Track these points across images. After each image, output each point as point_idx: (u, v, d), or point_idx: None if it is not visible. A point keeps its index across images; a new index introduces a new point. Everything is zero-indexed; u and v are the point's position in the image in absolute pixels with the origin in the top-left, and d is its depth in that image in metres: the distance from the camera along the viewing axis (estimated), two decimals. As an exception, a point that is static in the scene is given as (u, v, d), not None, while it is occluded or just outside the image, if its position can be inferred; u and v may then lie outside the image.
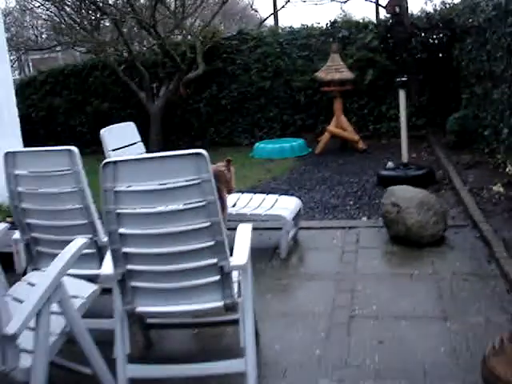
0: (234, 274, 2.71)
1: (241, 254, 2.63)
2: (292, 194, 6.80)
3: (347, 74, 9.04)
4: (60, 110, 12.17)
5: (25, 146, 5.19)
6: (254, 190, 7.21)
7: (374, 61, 10.01)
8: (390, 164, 6.87)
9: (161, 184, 2.42)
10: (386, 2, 8.47)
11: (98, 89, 11.85)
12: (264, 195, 5.14)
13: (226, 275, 2.55)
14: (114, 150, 4.91)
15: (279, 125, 10.99)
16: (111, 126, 5.08)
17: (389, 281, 3.94)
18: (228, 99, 11.15)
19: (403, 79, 6.54)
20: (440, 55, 9.73)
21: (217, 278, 2.56)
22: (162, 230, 2.48)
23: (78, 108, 12.00)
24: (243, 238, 2.82)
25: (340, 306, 3.58)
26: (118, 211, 2.47)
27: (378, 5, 15.57)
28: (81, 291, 2.71)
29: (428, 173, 6.57)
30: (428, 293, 3.69)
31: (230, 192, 4.23)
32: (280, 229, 4.53)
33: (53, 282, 2.33)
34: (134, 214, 2.48)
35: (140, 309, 2.63)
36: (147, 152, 10.28)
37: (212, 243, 2.49)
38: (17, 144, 5.84)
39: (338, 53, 9.18)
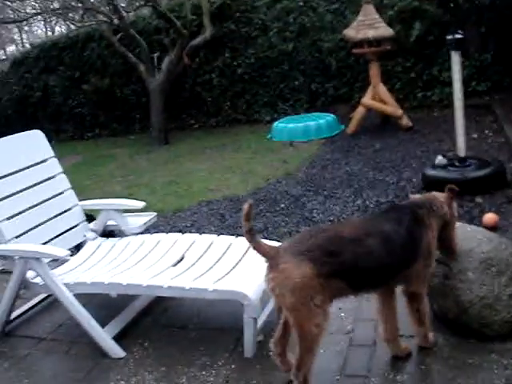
0: None
1: None
2: (303, 203, 5.01)
3: (384, 31, 6.95)
4: (57, 90, 10.61)
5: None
6: (254, 196, 5.45)
7: (421, 11, 8.04)
8: (440, 159, 4.85)
9: None
10: None
11: (96, 63, 10.19)
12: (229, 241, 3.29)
13: None
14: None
15: (307, 96, 9.09)
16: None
17: None
18: (244, 67, 9.35)
19: (458, 36, 4.47)
20: (509, -2, 7.58)
21: None
22: None
23: (75, 86, 10.40)
24: None
25: None
26: None
27: None
28: None
29: (495, 173, 4.55)
30: None
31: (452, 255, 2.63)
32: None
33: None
34: None
35: None
36: (150, 137, 8.81)
37: None
38: None
39: (372, 3, 7.07)
